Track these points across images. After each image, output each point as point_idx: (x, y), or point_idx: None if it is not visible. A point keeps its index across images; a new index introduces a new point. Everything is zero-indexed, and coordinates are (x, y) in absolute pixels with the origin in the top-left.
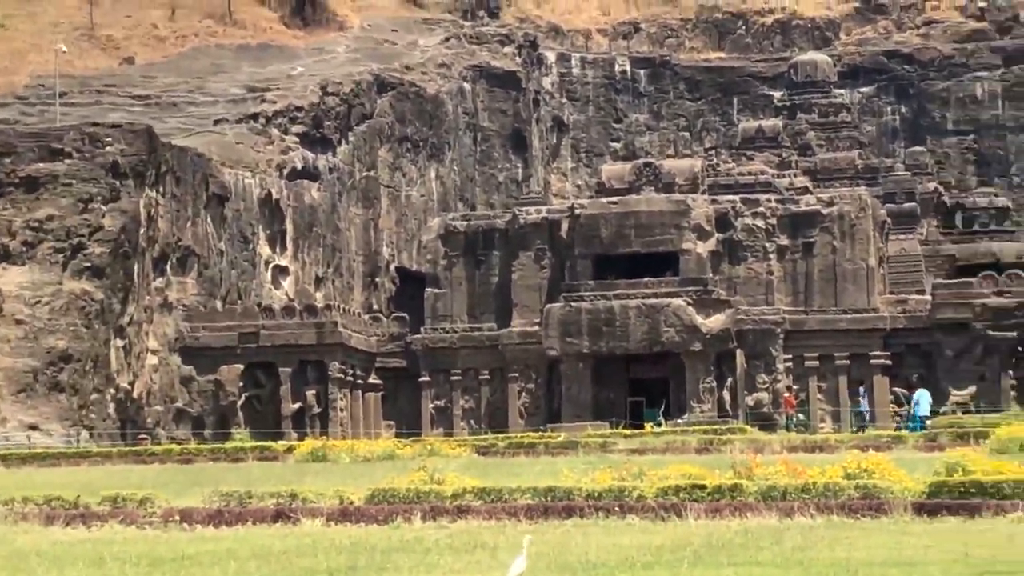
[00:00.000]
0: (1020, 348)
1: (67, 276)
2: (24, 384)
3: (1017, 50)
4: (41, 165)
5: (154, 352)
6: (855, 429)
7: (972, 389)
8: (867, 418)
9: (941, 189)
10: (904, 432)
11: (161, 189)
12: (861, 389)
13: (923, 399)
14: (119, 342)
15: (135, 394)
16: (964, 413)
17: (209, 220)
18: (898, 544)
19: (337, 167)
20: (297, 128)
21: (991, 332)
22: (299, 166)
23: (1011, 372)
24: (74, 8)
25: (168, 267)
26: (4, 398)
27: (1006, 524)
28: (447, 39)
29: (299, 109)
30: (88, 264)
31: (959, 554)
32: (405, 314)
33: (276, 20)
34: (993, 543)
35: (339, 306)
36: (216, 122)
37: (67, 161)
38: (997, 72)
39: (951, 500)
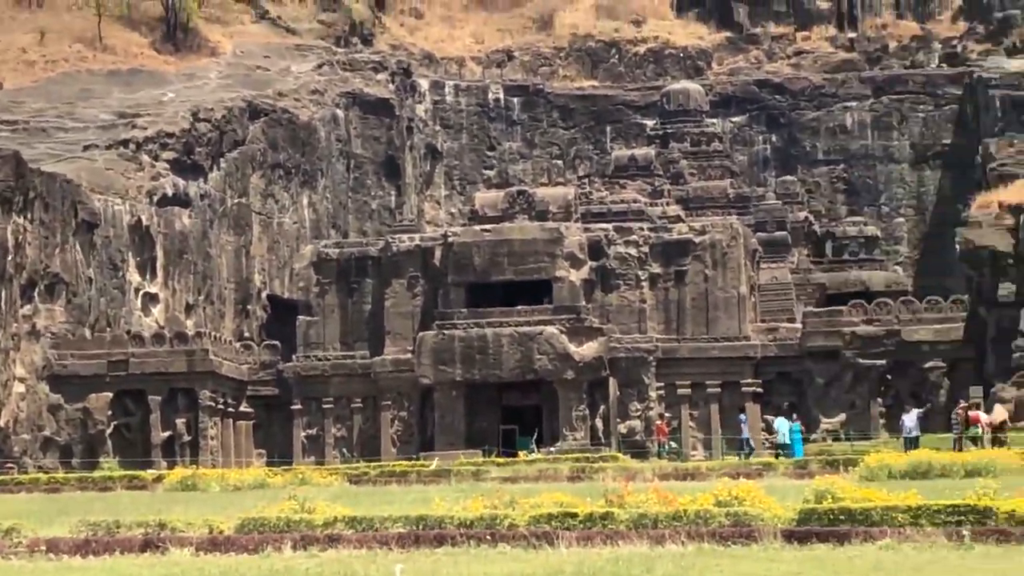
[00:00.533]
0: (889, 376)
1: None
2: None
3: (886, 80)
4: None
5: (21, 380)
6: (744, 455)
7: (842, 417)
8: (750, 445)
9: (811, 218)
10: (775, 459)
11: (29, 215)
12: (744, 416)
13: (781, 427)
14: None
15: (1, 423)
16: (834, 440)
17: (78, 247)
18: (767, 571)
19: (208, 194)
20: (168, 154)
21: (860, 360)
22: (170, 193)
23: (880, 400)
24: None
25: (36, 294)
26: None
27: (874, 551)
28: (320, 66)
29: (170, 135)
30: None
31: None
32: (277, 342)
33: (147, 45)
34: (861, 570)
35: (210, 334)
36: (86, 148)
37: None
38: (867, 102)
39: (820, 527)
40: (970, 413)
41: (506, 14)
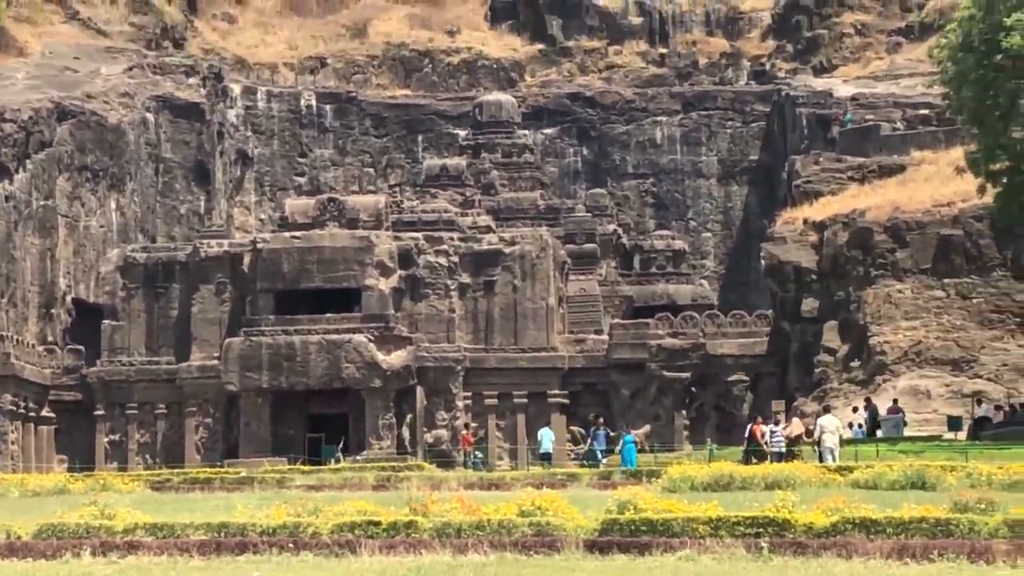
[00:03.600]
0: (693, 388)
1: None
2: None
3: (696, 96)
4: None
5: None
6: (590, 465)
7: (647, 428)
8: (599, 457)
9: (620, 231)
10: (579, 469)
11: None
12: (601, 431)
13: (545, 438)
14: None
15: None
16: (639, 452)
17: None
18: None
19: (14, 195)
20: None
21: (665, 372)
22: None
23: (684, 412)
24: None
25: None
26: None
27: (674, 561)
28: (130, 68)
29: None
30: None
31: None
32: (81, 347)
33: None
34: None
35: (12, 336)
36: None
37: None
38: (676, 117)
39: (622, 537)
40: (752, 427)
41: (320, 21)
